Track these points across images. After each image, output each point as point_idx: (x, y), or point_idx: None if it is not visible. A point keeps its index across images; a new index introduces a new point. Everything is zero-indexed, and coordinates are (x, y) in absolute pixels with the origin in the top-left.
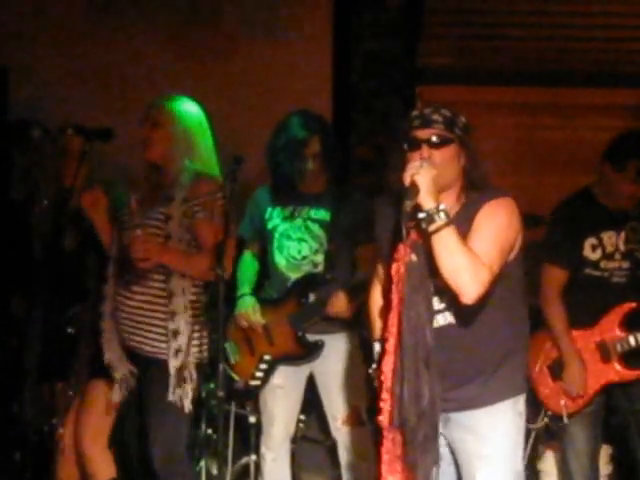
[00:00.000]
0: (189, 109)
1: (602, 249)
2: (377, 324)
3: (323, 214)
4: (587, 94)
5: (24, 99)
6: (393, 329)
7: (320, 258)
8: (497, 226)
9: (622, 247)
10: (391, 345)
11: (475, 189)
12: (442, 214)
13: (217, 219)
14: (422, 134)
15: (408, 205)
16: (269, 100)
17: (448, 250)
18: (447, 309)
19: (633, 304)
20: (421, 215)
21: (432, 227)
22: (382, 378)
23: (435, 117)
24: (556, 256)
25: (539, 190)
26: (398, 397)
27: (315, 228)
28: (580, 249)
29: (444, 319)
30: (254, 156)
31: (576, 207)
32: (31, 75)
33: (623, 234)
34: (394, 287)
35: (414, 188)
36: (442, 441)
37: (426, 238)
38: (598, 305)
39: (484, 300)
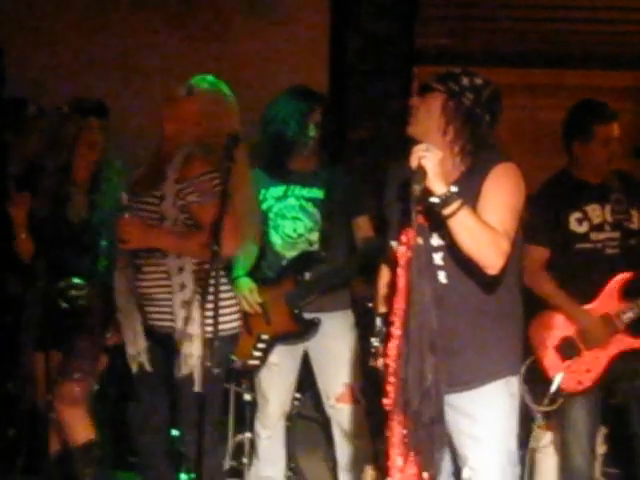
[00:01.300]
0: (214, 87)
1: (588, 221)
2: (379, 298)
3: (317, 192)
4: (584, 76)
5: (20, 80)
6: (399, 312)
7: (315, 236)
8: (507, 194)
9: (610, 219)
10: (397, 328)
11: (479, 151)
12: (455, 196)
13: (212, 200)
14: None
15: (417, 189)
16: (266, 81)
17: (468, 231)
18: (441, 268)
19: (627, 274)
20: (434, 200)
21: (447, 211)
22: (388, 361)
23: (441, 72)
24: (536, 236)
25: (537, 171)
26: (403, 380)
27: (309, 207)
28: (566, 225)
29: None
30: (251, 135)
31: (555, 186)
32: (28, 57)
33: (609, 207)
34: (400, 270)
35: (421, 171)
36: None
37: (433, 219)
38: (595, 277)
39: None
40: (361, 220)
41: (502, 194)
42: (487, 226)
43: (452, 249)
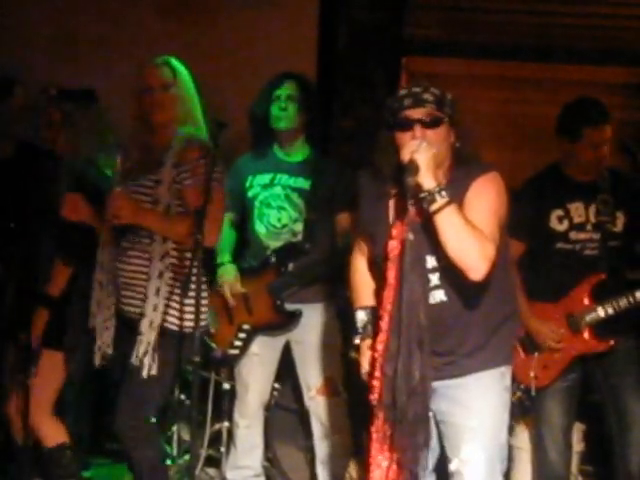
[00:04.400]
0: (186, 70)
1: (569, 220)
2: (360, 292)
3: (303, 183)
4: (573, 70)
5: (6, 62)
6: (388, 306)
7: (299, 227)
8: (490, 201)
9: (593, 219)
10: (385, 323)
11: (461, 163)
12: (443, 193)
13: (202, 185)
14: (414, 114)
15: (411, 182)
16: (253, 67)
17: (453, 228)
18: (439, 287)
19: (602, 275)
20: (422, 195)
21: (434, 207)
22: (375, 355)
23: (426, 96)
24: (513, 229)
25: (521, 164)
26: (389, 376)
27: (295, 197)
28: (546, 221)
29: (433, 298)
30: (237, 122)
31: (542, 180)
32: (15, 38)
33: (594, 206)
34: (390, 264)
35: (414, 166)
36: None
37: (425, 217)
38: (571, 278)
39: (490, 275)
40: (343, 217)
41: (486, 203)
42: (474, 228)
43: (449, 269)
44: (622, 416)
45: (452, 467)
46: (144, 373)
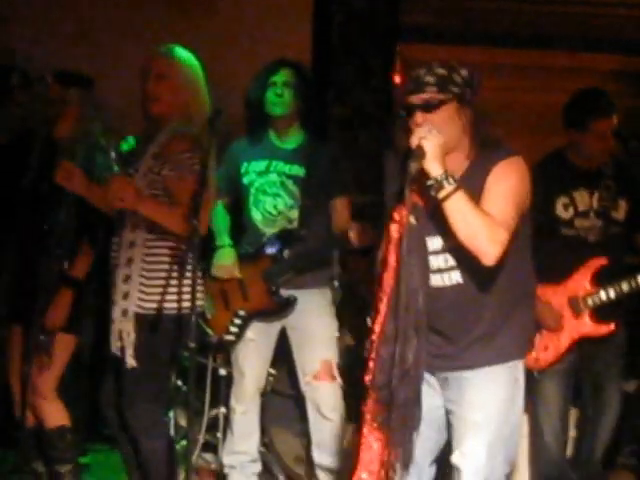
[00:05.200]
0: (191, 59)
1: (574, 208)
2: None
3: (298, 170)
4: (568, 58)
5: (3, 48)
6: (388, 289)
7: (295, 214)
8: (510, 186)
9: (596, 206)
10: (383, 305)
11: (484, 147)
12: (450, 179)
13: (190, 177)
14: (414, 99)
15: (413, 167)
16: (248, 55)
17: (462, 215)
18: (455, 268)
19: (603, 260)
20: (429, 182)
21: (442, 194)
22: (373, 337)
23: (428, 79)
24: None
25: (522, 152)
26: (383, 358)
27: (290, 184)
28: (552, 209)
29: (449, 279)
30: (234, 109)
31: (547, 167)
32: (12, 23)
33: (597, 193)
34: (391, 247)
35: (420, 151)
36: (439, 402)
37: (429, 202)
38: (574, 262)
39: (503, 259)
40: (339, 202)
41: (503, 187)
42: (483, 212)
43: (462, 250)
44: (599, 403)
45: (453, 459)
46: (125, 363)
